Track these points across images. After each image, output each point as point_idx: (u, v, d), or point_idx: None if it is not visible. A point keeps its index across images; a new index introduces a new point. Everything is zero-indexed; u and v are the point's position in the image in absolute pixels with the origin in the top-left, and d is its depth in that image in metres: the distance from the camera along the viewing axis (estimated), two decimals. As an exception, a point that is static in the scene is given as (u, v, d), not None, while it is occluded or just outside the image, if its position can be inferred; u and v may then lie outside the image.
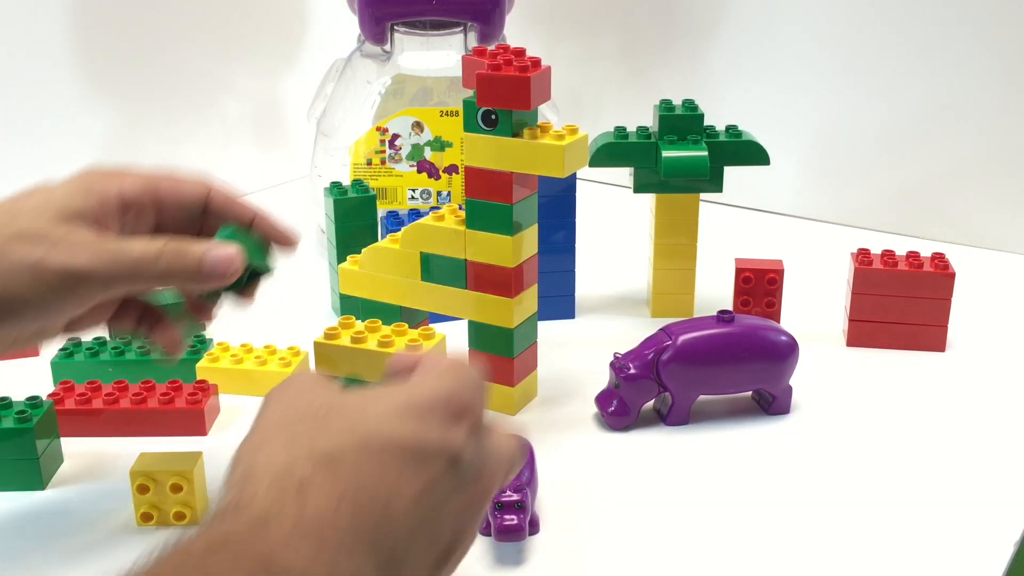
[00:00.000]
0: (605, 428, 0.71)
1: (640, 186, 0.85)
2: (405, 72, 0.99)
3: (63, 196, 0.52)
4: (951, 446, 0.69)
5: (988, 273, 0.97)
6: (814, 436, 0.70)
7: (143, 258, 0.50)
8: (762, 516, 0.62)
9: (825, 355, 0.81)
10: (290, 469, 0.37)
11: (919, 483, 0.65)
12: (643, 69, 1.19)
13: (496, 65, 0.66)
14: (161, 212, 0.56)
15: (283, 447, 0.38)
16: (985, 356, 0.81)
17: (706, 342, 0.70)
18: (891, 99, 1.05)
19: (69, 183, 0.53)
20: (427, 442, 0.39)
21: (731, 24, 1.12)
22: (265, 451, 0.38)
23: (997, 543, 0.59)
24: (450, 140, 0.97)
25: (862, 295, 0.81)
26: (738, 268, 0.83)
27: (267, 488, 0.36)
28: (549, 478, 0.63)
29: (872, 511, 0.62)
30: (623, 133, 0.84)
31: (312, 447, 0.38)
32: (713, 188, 0.85)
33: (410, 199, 0.98)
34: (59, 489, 0.64)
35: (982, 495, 0.63)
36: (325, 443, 0.38)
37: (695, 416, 0.72)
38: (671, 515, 0.62)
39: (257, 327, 0.82)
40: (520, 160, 0.67)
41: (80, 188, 0.53)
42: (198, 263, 0.52)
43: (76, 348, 0.75)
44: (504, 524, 0.56)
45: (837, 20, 1.06)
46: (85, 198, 0.52)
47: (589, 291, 0.91)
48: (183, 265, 0.51)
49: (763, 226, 1.11)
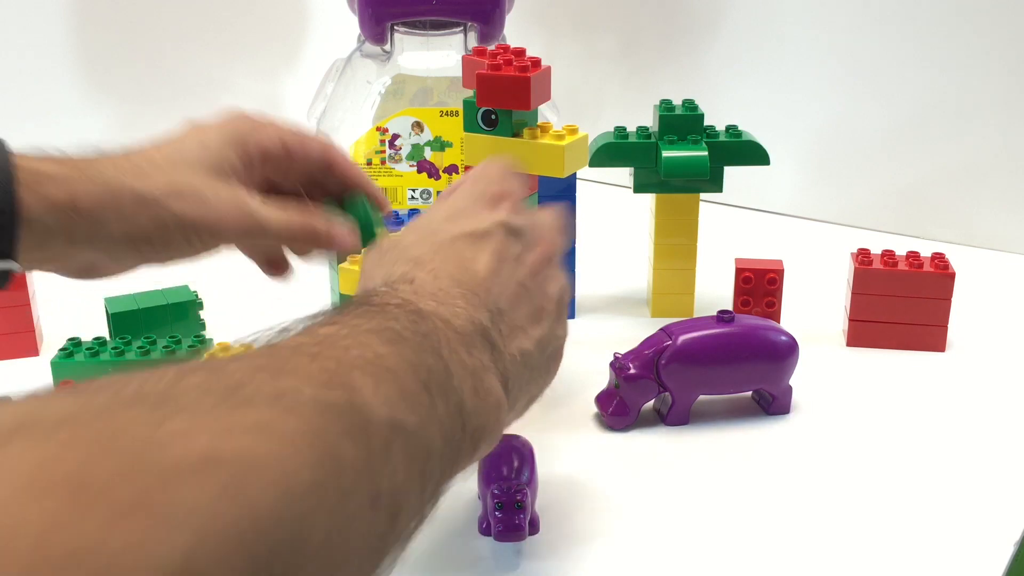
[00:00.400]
0: (605, 428, 0.71)
1: (640, 186, 0.85)
2: (405, 72, 0.99)
3: (217, 148, 0.56)
4: (951, 446, 0.69)
5: (988, 273, 0.97)
6: (814, 436, 0.70)
7: (279, 228, 0.57)
8: (762, 516, 0.62)
9: (825, 355, 0.81)
10: (391, 275, 0.47)
11: (919, 483, 0.65)
12: (643, 69, 1.19)
13: (496, 65, 0.66)
14: (290, 166, 0.60)
15: (380, 268, 0.48)
16: (985, 356, 0.81)
17: (706, 342, 0.70)
18: (891, 99, 1.05)
19: (222, 130, 0.57)
20: (480, 224, 0.49)
21: (731, 24, 1.12)
22: (369, 275, 0.49)
23: (997, 543, 0.59)
24: (450, 140, 0.97)
25: (862, 295, 0.81)
26: (738, 268, 0.83)
27: (382, 285, 0.46)
28: (549, 478, 0.63)
29: (872, 511, 0.62)
30: (623, 133, 0.84)
31: (400, 260, 0.48)
32: (713, 188, 0.85)
33: (410, 199, 0.98)
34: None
35: (982, 495, 0.63)
36: (409, 255, 0.48)
37: (695, 416, 0.72)
38: (671, 515, 0.62)
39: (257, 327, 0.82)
40: (520, 160, 0.67)
41: (232, 139, 0.57)
42: (327, 239, 0.58)
43: (76, 348, 0.75)
44: (504, 524, 0.56)
45: (837, 20, 1.06)
46: (236, 151, 0.57)
47: (589, 291, 0.91)
48: (312, 239, 0.58)
49: (763, 226, 1.11)
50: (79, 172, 0.52)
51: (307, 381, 0.33)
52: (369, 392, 0.35)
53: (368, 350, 0.37)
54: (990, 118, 1.01)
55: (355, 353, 0.36)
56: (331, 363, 0.35)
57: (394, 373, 0.37)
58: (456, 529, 0.60)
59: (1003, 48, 0.99)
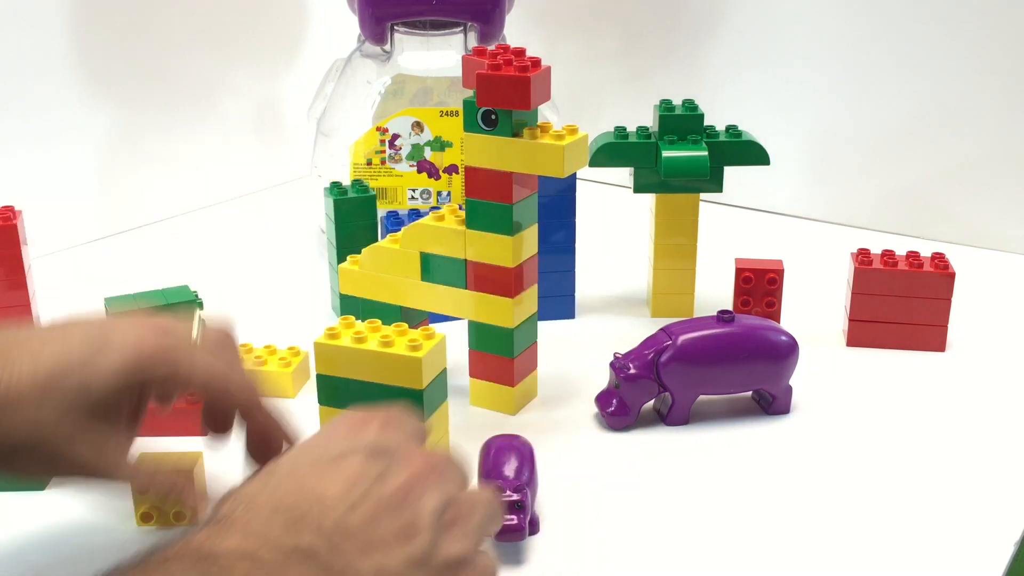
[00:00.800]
0: (605, 428, 0.71)
1: (640, 186, 0.85)
2: (405, 72, 0.99)
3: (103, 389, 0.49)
4: (951, 446, 0.69)
5: (988, 273, 0.97)
6: (814, 436, 0.70)
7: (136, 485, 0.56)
8: (762, 516, 0.62)
9: (825, 355, 0.81)
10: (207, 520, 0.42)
11: (919, 483, 0.65)
12: (643, 69, 1.19)
13: (496, 65, 0.66)
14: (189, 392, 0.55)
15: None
16: (985, 356, 0.81)
17: (706, 342, 0.70)
18: (891, 99, 1.05)
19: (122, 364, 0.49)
20: (336, 446, 0.44)
21: (731, 24, 1.12)
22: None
23: (997, 543, 0.59)
24: (450, 140, 0.97)
25: (862, 295, 0.81)
26: (738, 268, 0.83)
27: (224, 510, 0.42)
28: (549, 478, 0.63)
29: (872, 511, 0.62)
30: (623, 133, 0.84)
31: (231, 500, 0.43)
32: (713, 188, 0.85)
33: (410, 199, 0.98)
34: (59, 489, 0.64)
35: (982, 495, 0.63)
36: (240, 493, 0.43)
37: (695, 416, 0.72)
38: (671, 515, 0.62)
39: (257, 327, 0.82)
40: (520, 160, 0.67)
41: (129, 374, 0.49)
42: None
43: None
44: (504, 524, 0.56)
45: (837, 20, 1.06)
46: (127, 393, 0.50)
47: (589, 291, 0.91)
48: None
49: (763, 226, 1.11)
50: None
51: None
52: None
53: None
54: (990, 118, 1.01)
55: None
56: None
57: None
58: (456, 529, 0.60)
59: (1003, 48, 0.99)
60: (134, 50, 1.08)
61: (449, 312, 0.73)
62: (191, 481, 0.59)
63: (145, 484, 0.56)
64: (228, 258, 1.03)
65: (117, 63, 1.06)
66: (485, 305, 0.71)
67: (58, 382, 0.47)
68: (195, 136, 1.16)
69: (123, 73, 1.07)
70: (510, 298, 0.70)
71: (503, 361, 0.72)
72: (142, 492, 0.59)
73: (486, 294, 0.71)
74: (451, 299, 0.72)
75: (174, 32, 1.11)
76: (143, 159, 1.11)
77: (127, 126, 1.09)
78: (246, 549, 0.39)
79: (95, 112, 1.06)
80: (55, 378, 0.47)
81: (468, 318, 0.72)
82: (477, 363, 0.73)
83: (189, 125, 1.15)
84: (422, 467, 0.44)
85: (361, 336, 0.64)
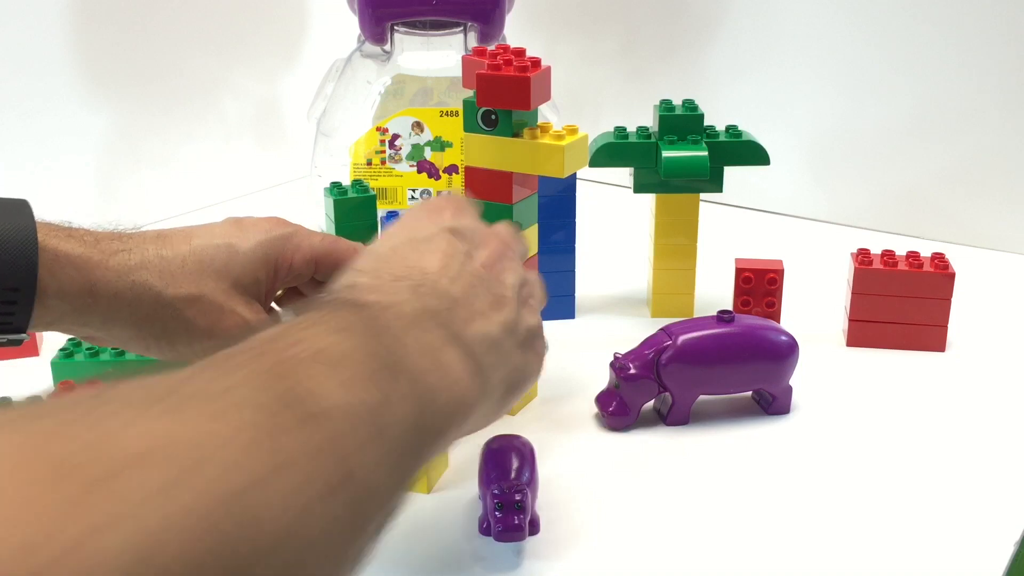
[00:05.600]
0: (605, 428, 0.71)
1: (640, 186, 0.85)
2: (405, 72, 0.99)
3: (247, 264, 0.56)
4: (951, 446, 0.69)
5: (988, 273, 0.97)
6: (814, 436, 0.70)
7: None
8: (762, 516, 0.62)
9: (825, 355, 0.81)
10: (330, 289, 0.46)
11: (919, 483, 0.65)
12: (643, 69, 1.19)
13: (496, 65, 0.66)
14: (315, 278, 0.60)
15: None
16: (985, 356, 0.81)
17: (706, 342, 0.70)
18: (891, 99, 1.05)
19: (257, 247, 0.57)
20: (422, 232, 0.50)
21: (731, 24, 1.12)
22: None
23: (997, 543, 0.59)
24: (450, 140, 0.97)
25: (862, 295, 0.81)
26: (738, 268, 0.83)
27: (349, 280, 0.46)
28: (549, 478, 0.63)
29: (872, 511, 0.62)
30: (623, 133, 0.84)
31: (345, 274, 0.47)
32: (713, 188, 0.85)
33: (410, 199, 0.98)
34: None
35: (982, 495, 0.63)
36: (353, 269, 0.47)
37: (695, 416, 0.72)
38: (671, 515, 0.62)
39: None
40: (520, 160, 0.67)
41: (264, 259, 0.57)
42: None
43: (76, 348, 0.75)
44: (504, 524, 0.56)
45: (837, 20, 1.06)
46: (265, 270, 0.57)
47: (589, 291, 0.91)
48: None
49: (763, 226, 1.11)
50: (103, 257, 0.53)
51: (252, 376, 0.33)
52: (317, 381, 0.35)
53: (313, 344, 0.36)
54: (990, 118, 1.01)
55: (300, 347, 0.36)
56: (275, 357, 0.35)
57: (342, 359, 0.37)
58: (456, 529, 0.60)
59: (1002, 49, 0.99)
60: (134, 50, 1.08)
61: (449, 312, 0.73)
62: None
63: None
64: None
65: (117, 63, 1.06)
66: (485, 305, 0.71)
67: (209, 261, 0.55)
68: (195, 136, 1.16)
69: (123, 73, 1.07)
70: (510, 298, 0.70)
71: (503, 361, 0.71)
72: None
73: (486, 294, 0.71)
74: (451, 299, 0.72)
75: (174, 32, 1.11)
76: (143, 159, 1.11)
77: (127, 126, 1.09)
78: (386, 303, 0.43)
79: (95, 112, 1.06)
80: (206, 258, 0.55)
81: (468, 318, 0.72)
82: None
83: (189, 125, 1.15)
84: (497, 246, 0.51)
85: None
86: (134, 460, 0.26)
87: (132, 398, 0.29)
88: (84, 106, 1.04)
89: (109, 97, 1.06)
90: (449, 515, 0.61)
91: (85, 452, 0.26)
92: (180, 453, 0.27)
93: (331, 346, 0.37)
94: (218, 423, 0.30)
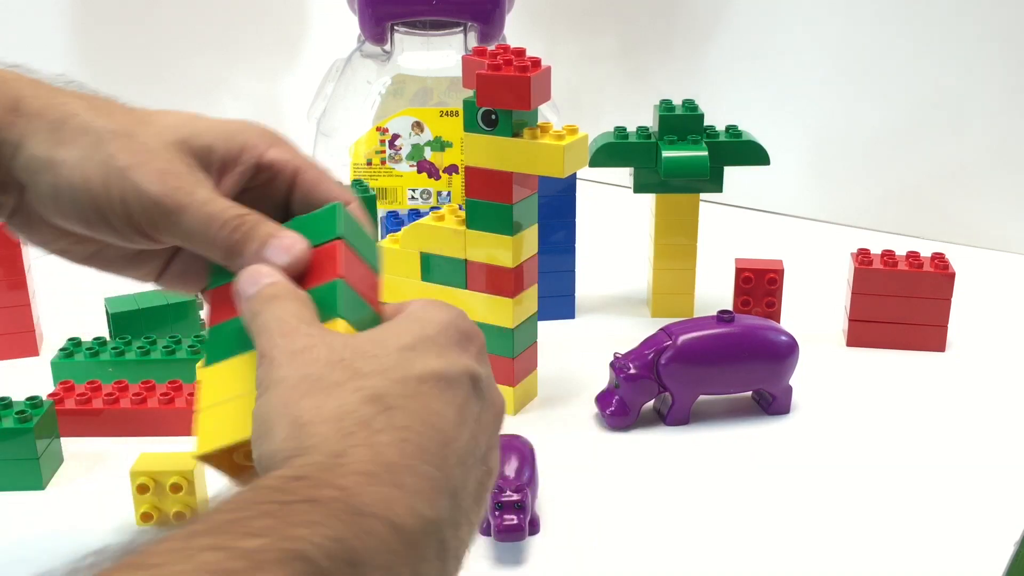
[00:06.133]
0: (605, 428, 0.71)
1: (640, 186, 0.85)
2: (405, 72, 0.99)
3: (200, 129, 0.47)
4: (951, 446, 0.69)
5: (988, 273, 0.97)
6: (814, 436, 0.70)
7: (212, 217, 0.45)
8: (762, 516, 0.62)
9: (825, 355, 0.81)
10: (346, 411, 0.36)
11: (919, 483, 0.65)
12: (643, 69, 1.19)
13: (496, 65, 0.66)
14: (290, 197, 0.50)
15: (326, 396, 0.36)
16: (985, 356, 0.81)
17: (706, 342, 0.70)
18: (891, 99, 1.05)
19: (218, 123, 0.48)
20: (452, 367, 0.39)
21: (731, 24, 1.12)
22: (308, 402, 0.36)
23: (997, 543, 0.59)
24: (450, 140, 0.97)
25: (862, 295, 0.81)
26: (738, 268, 0.83)
27: (330, 429, 0.35)
28: (549, 478, 0.63)
29: (872, 511, 0.62)
30: (623, 133, 0.84)
31: (357, 390, 0.37)
32: (713, 188, 0.85)
33: (410, 199, 0.98)
34: (59, 489, 0.64)
35: (982, 495, 0.63)
36: (368, 384, 0.37)
37: (695, 416, 0.72)
38: (671, 515, 0.62)
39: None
40: (520, 160, 0.67)
41: (223, 133, 0.48)
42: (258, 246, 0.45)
43: (76, 348, 0.75)
44: (504, 524, 0.56)
45: (837, 20, 1.06)
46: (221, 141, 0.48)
47: (589, 291, 0.91)
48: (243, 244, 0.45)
49: (763, 226, 1.11)
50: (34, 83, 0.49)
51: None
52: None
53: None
54: (990, 118, 1.01)
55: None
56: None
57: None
58: (456, 529, 0.60)
59: (1003, 48, 0.99)
60: (134, 50, 1.08)
61: (449, 312, 0.73)
62: (192, 481, 0.59)
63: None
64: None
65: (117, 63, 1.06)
66: (485, 305, 0.71)
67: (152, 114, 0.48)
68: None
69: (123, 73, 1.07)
70: (510, 298, 0.70)
71: (503, 361, 0.72)
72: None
73: (486, 294, 0.71)
74: (451, 299, 0.72)
75: (174, 32, 1.11)
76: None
77: (127, 126, 1.08)
78: (383, 513, 0.33)
79: (95, 112, 1.06)
80: (150, 113, 0.48)
81: (468, 318, 0.72)
82: None
83: (189, 125, 1.15)
84: (498, 415, 0.42)
85: None
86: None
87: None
88: (84, 106, 1.04)
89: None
90: (449, 515, 0.61)
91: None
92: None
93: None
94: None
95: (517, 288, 0.70)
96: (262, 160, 0.49)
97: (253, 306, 0.42)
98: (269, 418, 0.37)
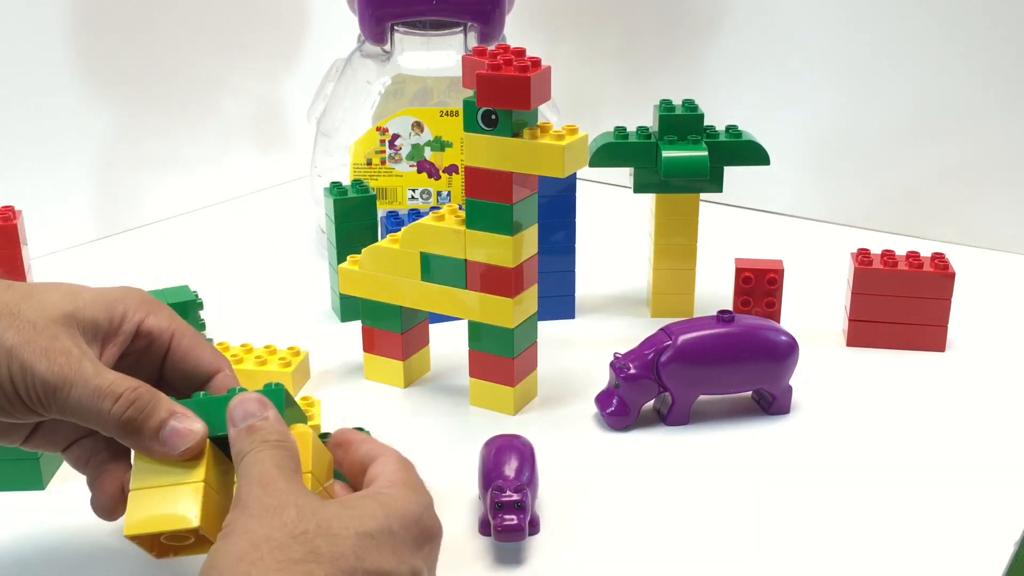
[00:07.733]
0: (605, 428, 0.71)
1: (640, 186, 0.85)
2: (405, 72, 0.99)
3: (83, 302, 0.49)
4: (951, 446, 0.69)
5: (988, 273, 0.97)
6: (814, 436, 0.70)
7: (101, 391, 0.46)
8: (762, 516, 0.62)
9: (825, 355, 0.81)
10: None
11: (919, 483, 0.65)
12: (643, 69, 1.19)
13: (496, 65, 0.66)
14: (166, 364, 0.52)
15: (277, 573, 0.40)
16: (985, 356, 0.81)
17: (706, 342, 0.70)
18: (891, 99, 1.05)
19: (100, 293, 0.50)
20: (400, 568, 0.43)
21: (731, 24, 1.12)
22: (258, 569, 0.40)
23: (997, 543, 0.59)
24: (450, 140, 0.97)
25: (862, 295, 0.81)
26: (738, 268, 0.83)
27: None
28: (549, 478, 0.63)
29: (872, 511, 0.62)
30: (623, 133, 0.84)
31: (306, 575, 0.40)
32: (713, 188, 0.85)
33: (410, 199, 0.98)
34: (59, 489, 0.64)
35: (982, 495, 0.63)
36: (319, 572, 0.40)
37: (695, 416, 0.72)
38: (671, 515, 0.62)
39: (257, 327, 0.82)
40: (520, 160, 0.67)
41: (105, 303, 0.50)
42: (157, 428, 0.46)
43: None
44: (504, 524, 0.56)
45: (837, 20, 1.06)
46: (103, 312, 0.49)
47: (589, 291, 0.91)
48: (140, 423, 0.46)
49: (763, 226, 1.11)
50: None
51: None
52: None
53: None
54: (990, 118, 1.01)
55: None
56: None
57: None
58: (456, 529, 0.60)
59: (1003, 48, 0.99)
60: (134, 50, 1.08)
61: (449, 312, 0.73)
62: None
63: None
64: (228, 258, 1.03)
65: (117, 63, 1.06)
66: (485, 305, 0.71)
67: (39, 290, 0.49)
68: (195, 136, 1.16)
69: (123, 73, 1.07)
70: (510, 298, 0.70)
71: (503, 361, 0.72)
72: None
73: (486, 294, 0.71)
74: (451, 299, 0.72)
75: (174, 32, 1.11)
76: (143, 159, 1.11)
77: (127, 127, 1.09)
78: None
79: (95, 112, 1.06)
80: (35, 289, 0.49)
81: (468, 318, 0.72)
82: (477, 363, 0.73)
83: (189, 125, 1.15)
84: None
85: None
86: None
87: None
88: (84, 106, 1.04)
89: (109, 97, 1.06)
90: (449, 515, 0.61)
91: None
92: None
93: None
94: None
95: (517, 288, 0.70)
96: (141, 327, 0.51)
97: (241, 443, 0.45)
98: (221, 571, 0.40)
